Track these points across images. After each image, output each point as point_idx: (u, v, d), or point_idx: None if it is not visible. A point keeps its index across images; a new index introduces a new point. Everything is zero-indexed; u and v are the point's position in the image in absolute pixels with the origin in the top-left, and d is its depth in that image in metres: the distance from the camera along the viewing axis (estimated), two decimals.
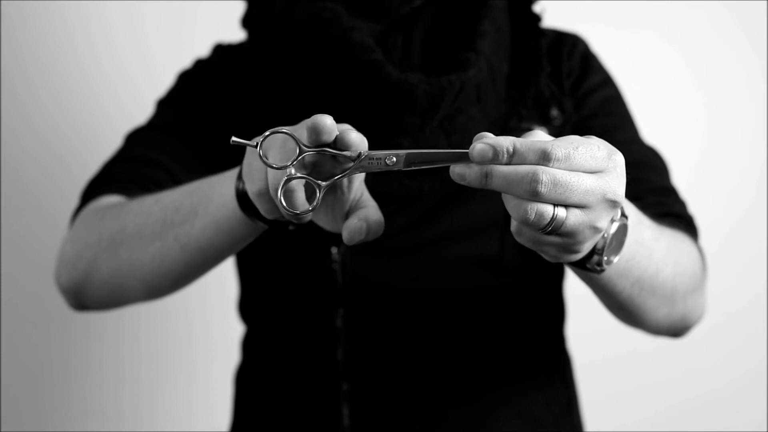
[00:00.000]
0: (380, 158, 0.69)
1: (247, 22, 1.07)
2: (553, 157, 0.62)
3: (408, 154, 0.68)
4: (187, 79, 1.12)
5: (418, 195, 1.00)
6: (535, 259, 1.02)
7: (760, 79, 1.60)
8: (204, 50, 1.16)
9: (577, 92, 1.06)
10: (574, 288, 1.13)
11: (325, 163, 0.73)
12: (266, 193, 0.74)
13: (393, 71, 0.95)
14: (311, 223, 0.97)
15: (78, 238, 0.98)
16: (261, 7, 1.06)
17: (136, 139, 1.07)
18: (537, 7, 1.07)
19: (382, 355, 1.01)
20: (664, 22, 1.59)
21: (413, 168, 0.68)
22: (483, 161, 0.64)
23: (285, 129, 0.71)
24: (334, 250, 0.99)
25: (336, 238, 0.99)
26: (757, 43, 1.59)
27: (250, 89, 1.07)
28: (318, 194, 0.70)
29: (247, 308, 1.12)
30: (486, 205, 1.00)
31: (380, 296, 1.00)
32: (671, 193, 1.02)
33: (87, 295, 0.99)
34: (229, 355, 1.27)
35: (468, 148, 0.98)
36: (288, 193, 0.71)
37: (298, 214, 0.70)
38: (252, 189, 0.75)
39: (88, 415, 1.53)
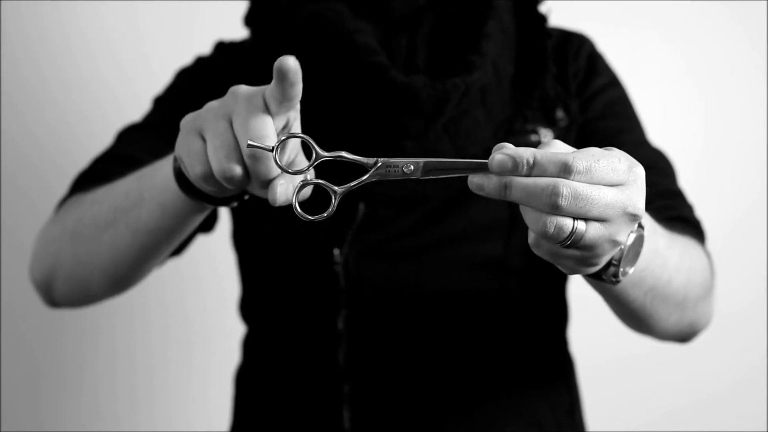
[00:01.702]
0: (398, 166, 0.68)
1: (249, 20, 1.06)
2: (574, 169, 0.62)
3: (426, 162, 0.68)
4: (185, 77, 1.11)
5: (422, 198, 0.99)
6: (538, 262, 1.02)
7: (761, 78, 1.60)
8: (202, 50, 1.15)
9: (584, 93, 1.05)
10: (577, 290, 1.13)
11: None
12: (211, 177, 0.73)
13: (397, 74, 0.95)
14: (314, 225, 0.97)
15: (45, 233, 0.99)
16: (264, 6, 1.05)
17: (127, 136, 1.06)
18: (543, 8, 1.06)
19: (384, 358, 1.01)
20: (665, 22, 1.59)
21: (431, 177, 0.67)
22: (502, 172, 0.63)
23: (301, 134, 0.70)
24: (336, 251, 0.98)
25: (339, 239, 0.98)
26: (758, 42, 1.59)
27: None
28: (333, 200, 0.69)
29: (248, 308, 1.12)
30: (490, 208, 1.00)
31: (382, 298, 1.00)
32: (679, 197, 1.02)
33: (56, 289, 0.99)
34: (229, 356, 1.26)
35: (474, 152, 0.98)
36: (255, 162, 0.70)
37: (312, 219, 0.69)
38: (195, 172, 0.73)
39: (86, 416, 1.52)
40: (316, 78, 1.00)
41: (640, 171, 0.65)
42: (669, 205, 0.98)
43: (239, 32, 1.15)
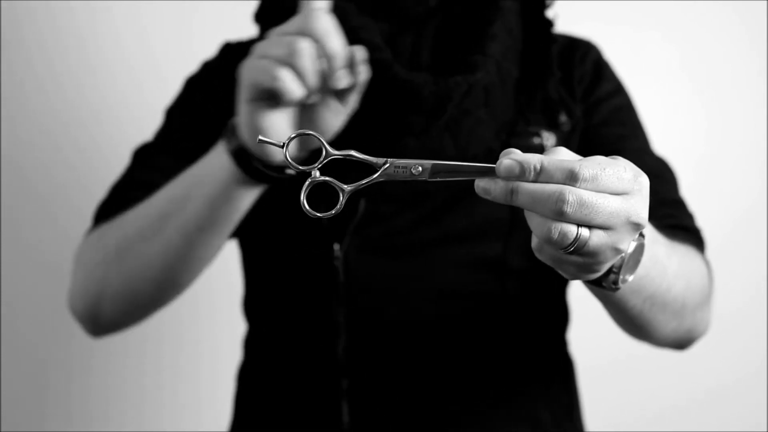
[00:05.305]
0: (406, 167, 0.68)
1: (260, 16, 1.07)
2: (581, 177, 0.62)
3: (434, 164, 0.67)
4: (194, 85, 1.11)
5: (424, 194, 0.99)
6: (539, 263, 1.01)
7: (761, 79, 1.60)
8: (207, 49, 1.15)
9: (589, 99, 1.06)
10: (577, 292, 1.13)
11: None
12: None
13: (400, 71, 0.95)
14: (315, 220, 0.97)
15: (84, 262, 1.02)
16: (274, 3, 1.05)
17: (144, 159, 1.08)
18: (550, 13, 1.06)
19: (383, 353, 1.01)
20: (666, 22, 1.59)
21: (438, 179, 0.68)
22: (509, 177, 0.63)
23: (311, 132, 0.70)
24: (336, 246, 0.99)
25: (339, 234, 0.99)
26: (758, 43, 1.59)
27: None
28: (341, 198, 0.69)
29: (250, 306, 1.12)
30: (490, 208, 0.99)
31: (382, 294, 1.00)
32: (680, 206, 1.03)
33: (104, 316, 1.02)
34: (235, 355, 1.26)
35: (475, 152, 0.98)
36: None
37: (320, 216, 0.69)
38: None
39: (85, 416, 1.53)
40: None
41: (644, 181, 0.65)
42: (670, 213, 0.99)
43: (244, 32, 1.15)
